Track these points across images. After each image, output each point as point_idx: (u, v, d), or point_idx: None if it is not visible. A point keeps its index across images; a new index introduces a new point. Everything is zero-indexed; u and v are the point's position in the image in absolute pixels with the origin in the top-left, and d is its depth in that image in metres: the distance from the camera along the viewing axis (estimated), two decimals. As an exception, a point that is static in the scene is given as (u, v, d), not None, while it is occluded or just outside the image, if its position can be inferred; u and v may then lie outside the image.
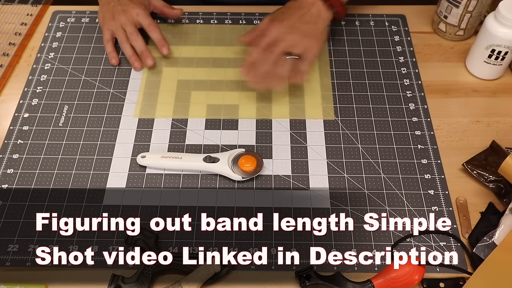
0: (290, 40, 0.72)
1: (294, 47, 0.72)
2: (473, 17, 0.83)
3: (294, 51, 0.72)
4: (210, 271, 0.60)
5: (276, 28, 0.72)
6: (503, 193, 0.68)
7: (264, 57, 0.72)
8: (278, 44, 0.71)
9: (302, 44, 0.72)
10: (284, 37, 0.72)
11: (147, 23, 0.83)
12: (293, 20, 0.73)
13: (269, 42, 0.72)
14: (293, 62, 0.73)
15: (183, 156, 0.71)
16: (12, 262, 0.63)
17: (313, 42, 0.73)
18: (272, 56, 0.72)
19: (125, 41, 0.83)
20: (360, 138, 0.75)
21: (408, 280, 0.58)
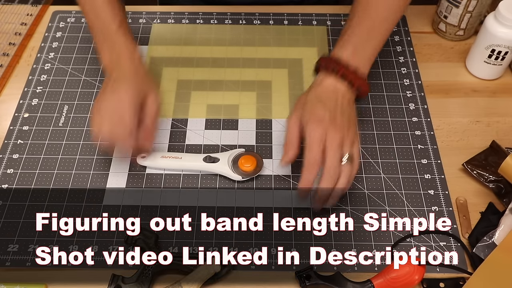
0: (338, 138, 0.62)
1: (344, 146, 0.62)
2: (473, 17, 0.83)
3: (344, 150, 0.62)
4: (210, 271, 0.60)
5: (319, 131, 0.62)
6: (503, 193, 0.68)
7: (324, 177, 0.62)
8: (330, 154, 0.61)
9: (348, 138, 0.63)
10: (332, 140, 0.62)
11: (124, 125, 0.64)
12: (330, 111, 0.63)
13: (322, 149, 0.62)
14: (349, 169, 0.63)
15: (183, 156, 0.71)
16: (12, 262, 0.63)
17: (354, 133, 0.65)
18: (333, 172, 0.62)
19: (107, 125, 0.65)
20: (360, 138, 0.75)
21: (408, 280, 0.58)
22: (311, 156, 0.62)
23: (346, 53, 0.67)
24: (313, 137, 0.62)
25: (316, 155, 0.62)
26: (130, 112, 0.63)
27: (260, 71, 0.83)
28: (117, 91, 0.64)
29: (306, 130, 0.63)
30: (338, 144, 0.62)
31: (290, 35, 0.88)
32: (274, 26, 0.90)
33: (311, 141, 0.62)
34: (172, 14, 0.92)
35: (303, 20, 0.91)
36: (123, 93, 0.64)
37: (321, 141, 0.62)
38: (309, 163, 0.62)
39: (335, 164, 0.62)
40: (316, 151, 0.62)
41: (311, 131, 0.62)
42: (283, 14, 0.92)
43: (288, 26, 0.90)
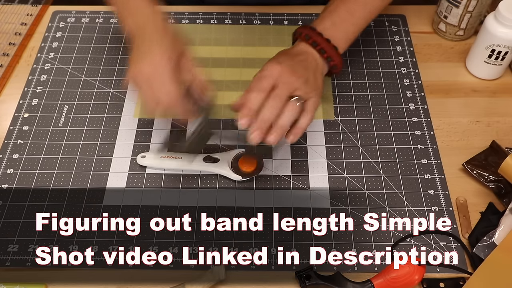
0: (292, 82, 0.60)
1: (297, 91, 0.61)
2: (473, 17, 0.83)
3: (297, 94, 0.61)
4: (215, 278, 0.60)
5: (275, 69, 0.60)
6: (503, 193, 0.68)
7: (268, 102, 0.59)
8: (281, 86, 0.60)
9: (305, 90, 0.61)
10: (286, 79, 0.60)
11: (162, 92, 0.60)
12: (292, 63, 0.63)
13: (271, 84, 0.60)
14: (296, 111, 0.61)
15: (183, 156, 0.71)
16: (12, 262, 0.63)
17: (315, 92, 0.63)
18: (277, 100, 0.59)
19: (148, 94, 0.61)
20: (360, 138, 0.75)
21: (408, 280, 0.58)
22: (257, 84, 0.60)
23: (322, 26, 0.68)
24: (265, 70, 0.60)
25: (263, 85, 0.59)
26: (170, 77, 0.59)
27: (260, 71, 0.83)
28: (152, 56, 0.60)
29: (263, 67, 0.61)
30: (290, 85, 0.60)
31: (290, 35, 0.88)
32: (274, 26, 0.90)
33: (263, 73, 0.60)
34: (172, 14, 0.92)
35: (303, 20, 0.91)
36: (159, 57, 0.59)
37: (272, 77, 0.60)
38: (253, 88, 0.59)
39: (279, 96, 0.59)
40: (265, 83, 0.59)
41: (267, 66, 0.61)
42: (283, 14, 0.92)
43: (288, 26, 0.90)
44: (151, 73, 0.59)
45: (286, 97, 0.60)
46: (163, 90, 0.59)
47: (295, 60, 0.64)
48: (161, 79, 0.59)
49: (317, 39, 0.66)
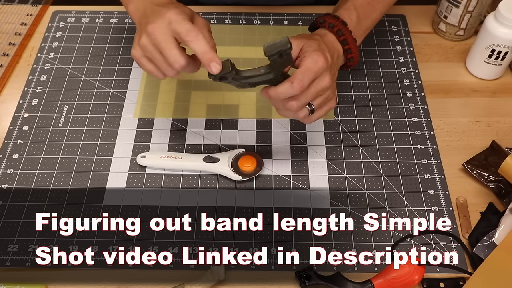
0: (327, 87, 0.60)
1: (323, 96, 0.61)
2: (473, 17, 0.83)
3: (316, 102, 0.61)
4: (214, 278, 0.60)
5: (323, 66, 0.58)
6: (503, 193, 0.68)
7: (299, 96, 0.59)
8: (316, 85, 0.59)
9: (329, 94, 0.61)
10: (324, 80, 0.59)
11: (184, 29, 0.56)
12: (332, 60, 0.61)
13: (315, 77, 0.58)
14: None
15: (183, 156, 0.71)
16: (12, 262, 0.63)
17: (333, 101, 0.63)
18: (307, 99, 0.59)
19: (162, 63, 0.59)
20: (360, 138, 0.75)
21: (408, 280, 0.58)
22: (301, 81, 0.57)
23: (347, 16, 0.66)
24: (316, 64, 0.58)
25: (304, 83, 0.57)
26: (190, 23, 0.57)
27: (260, 71, 0.83)
28: (164, 14, 0.57)
29: (312, 55, 0.59)
30: (326, 86, 0.59)
31: (290, 35, 0.88)
32: (274, 26, 0.90)
33: (313, 66, 0.58)
34: (172, 14, 0.92)
35: (303, 20, 0.91)
36: (173, 13, 0.57)
37: (317, 74, 0.58)
38: (295, 85, 0.57)
39: (310, 94, 0.59)
40: (309, 78, 0.57)
41: (318, 58, 0.58)
42: (283, 14, 0.92)
43: (288, 26, 0.90)
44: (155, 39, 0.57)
45: (313, 97, 0.59)
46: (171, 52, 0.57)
47: (332, 56, 0.61)
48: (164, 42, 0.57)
49: (341, 28, 0.64)
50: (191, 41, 0.56)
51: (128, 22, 0.91)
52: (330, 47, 0.63)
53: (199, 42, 0.56)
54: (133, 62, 0.84)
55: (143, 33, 0.58)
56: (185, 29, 0.56)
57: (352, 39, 0.65)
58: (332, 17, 0.66)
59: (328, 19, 0.66)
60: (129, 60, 0.85)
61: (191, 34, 0.56)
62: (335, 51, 0.64)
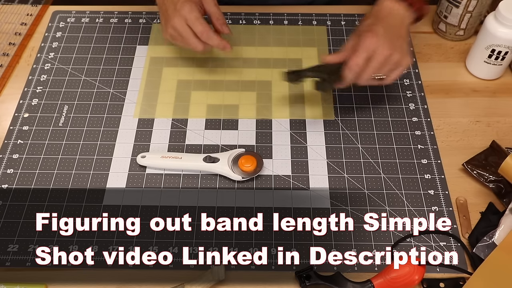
0: (385, 56, 0.67)
1: (387, 64, 0.68)
2: (473, 17, 0.83)
3: (382, 72, 0.69)
4: (214, 278, 0.60)
5: (373, 42, 0.66)
6: (503, 193, 0.68)
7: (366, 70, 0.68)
8: (376, 58, 0.67)
9: (395, 61, 0.68)
10: (381, 53, 0.66)
11: (198, 31, 0.72)
12: (386, 33, 0.67)
13: (368, 55, 0.66)
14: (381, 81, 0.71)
15: (183, 156, 0.71)
16: (12, 262, 0.63)
17: (404, 57, 0.69)
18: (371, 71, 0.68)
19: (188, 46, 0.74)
20: (360, 138, 0.75)
21: (408, 280, 0.58)
22: (355, 59, 0.66)
23: None
24: (363, 44, 0.66)
25: (359, 59, 0.66)
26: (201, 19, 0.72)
27: (260, 71, 0.83)
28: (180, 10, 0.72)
29: (361, 38, 0.67)
30: (383, 60, 0.67)
31: (290, 35, 0.88)
32: (274, 26, 0.90)
33: (361, 47, 0.66)
34: (172, 14, 0.92)
35: (303, 20, 0.91)
36: (186, 11, 0.71)
37: (369, 50, 0.66)
38: (352, 65, 0.66)
39: (367, 74, 0.67)
40: (361, 56, 0.66)
41: (364, 39, 0.66)
42: (283, 14, 0.92)
43: (288, 26, 0.90)
44: (178, 30, 0.72)
45: (378, 68, 0.68)
46: (200, 28, 0.71)
47: (388, 28, 0.68)
48: (185, 34, 0.72)
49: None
50: (206, 40, 0.73)
51: (128, 22, 0.91)
52: (386, 15, 0.70)
53: (211, 40, 0.73)
54: (133, 62, 0.84)
55: (168, 25, 0.73)
56: (198, 31, 0.72)
57: (422, 2, 0.71)
58: None
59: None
60: (129, 60, 0.85)
61: (203, 36, 0.72)
62: (396, 17, 0.70)
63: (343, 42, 0.87)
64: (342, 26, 0.90)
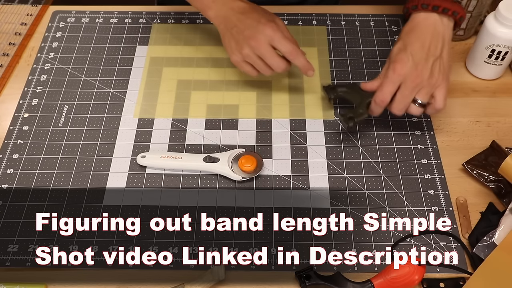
0: (418, 83, 0.67)
1: (422, 90, 0.68)
2: (473, 17, 0.83)
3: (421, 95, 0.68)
4: (214, 278, 0.60)
5: (406, 67, 0.66)
6: (503, 193, 0.68)
7: (396, 100, 0.68)
8: (407, 86, 0.67)
9: (429, 85, 0.68)
10: (413, 80, 0.66)
11: (287, 50, 0.69)
12: (422, 54, 0.67)
13: (400, 80, 0.67)
14: (420, 111, 0.70)
15: (183, 156, 0.71)
16: (12, 262, 0.63)
17: (442, 78, 0.68)
18: (404, 100, 0.68)
19: (264, 68, 0.71)
20: (360, 138, 0.75)
21: (408, 280, 0.58)
22: (380, 94, 0.68)
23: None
24: (390, 77, 0.67)
25: (385, 94, 0.67)
26: (290, 42, 0.70)
27: (260, 71, 0.83)
28: (263, 31, 0.69)
29: (389, 69, 0.68)
30: (413, 87, 0.67)
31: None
32: (274, 26, 0.90)
33: (387, 80, 0.67)
34: (172, 14, 0.92)
35: (303, 20, 0.91)
36: (271, 31, 0.69)
37: (396, 83, 0.67)
38: (377, 99, 0.68)
39: (402, 105, 0.68)
40: (387, 90, 0.67)
41: (390, 71, 0.67)
42: (283, 14, 0.92)
43: (288, 26, 0.89)
44: (258, 51, 0.69)
45: (405, 106, 0.68)
46: (289, 47, 0.69)
47: (417, 52, 0.67)
48: (268, 54, 0.69)
49: (435, 2, 0.68)
50: (293, 59, 0.70)
51: (128, 22, 0.91)
52: (421, 35, 0.68)
53: (299, 59, 0.70)
54: (133, 62, 0.84)
55: (245, 45, 0.69)
56: (288, 50, 0.69)
57: (458, 6, 0.68)
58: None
59: (430, 1, 0.68)
60: (129, 60, 0.85)
61: (293, 54, 0.70)
62: (439, 33, 0.68)
63: (343, 42, 0.87)
64: (342, 26, 0.90)
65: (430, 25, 0.68)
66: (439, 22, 0.69)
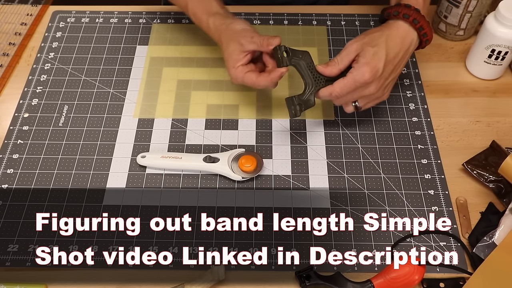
0: (376, 96, 0.69)
1: (377, 100, 0.70)
2: (473, 17, 0.83)
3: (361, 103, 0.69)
4: (214, 278, 0.60)
5: (370, 77, 0.65)
6: (503, 193, 0.68)
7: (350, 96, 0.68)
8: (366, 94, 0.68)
9: (382, 95, 0.70)
10: (372, 90, 0.67)
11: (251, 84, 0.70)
12: (390, 66, 0.67)
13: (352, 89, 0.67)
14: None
15: (183, 156, 0.71)
16: (12, 262, 0.63)
17: (386, 93, 0.70)
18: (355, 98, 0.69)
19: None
20: (360, 138, 0.75)
21: (408, 280, 0.58)
22: (339, 90, 0.66)
23: (416, 1, 0.69)
24: (356, 79, 0.65)
25: (343, 93, 0.67)
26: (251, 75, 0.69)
27: (260, 71, 0.83)
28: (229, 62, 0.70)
29: (360, 68, 0.65)
30: (367, 96, 0.68)
31: (290, 35, 0.88)
32: (274, 26, 0.90)
33: (351, 81, 0.66)
34: (172, 14, 0.92)
35: (303, 20, 0.91)
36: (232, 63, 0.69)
37: (357, 86, 0.66)
38: (333, 93, 0.67)
39: (341, 102, 0.69)
40: (346, 89, 0.66)
41: (364, 72, 0.65)
42: (283, 14, 0.92)
43: (288, 26, 0.90)
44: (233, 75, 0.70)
45: (357, 99, 0.68)
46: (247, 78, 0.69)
47: (390, 61, 0.67)
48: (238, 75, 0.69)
49: (416, 16, 0.68)
50: (258, 87, 0.69)
51: (128, 22, 0.91)
52: (399, 43, 0.68)
53: (263, 83, 0.68)
54: (133, 62, 0.84)
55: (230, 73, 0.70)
56: (251, 83, 0.69)
57: (427, 23, 0.68)
58: (404, 7, 0.68)
59: (401, 10, 0.68)
60: (129, 60, 0.85)
61: (256, 85, 0.69)
62: (405, 45, 0.68)
63: (343, 42, 0.87)
64: (342, 26, 0.90)
65: (409, 40, 0.68)
66: (415, 39, 0.69)
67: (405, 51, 0.68)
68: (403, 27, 0.68)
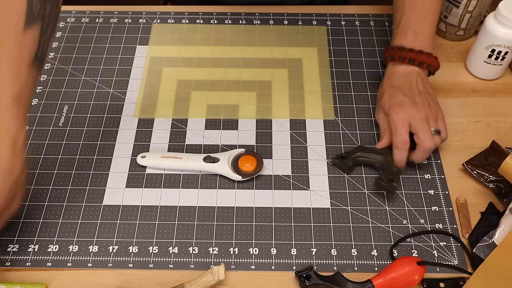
0: (421, 117, 0.67)
1: (429, 119, 0.68)
2: (473, 17, 0.83)
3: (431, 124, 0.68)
4: (214, 278, 0.60)
5: (401, 113, 0.67)
6: (503, 193, 0.68)
7: (420, 134, 0.67)
8: (416, 124, 0.67)
9: (432, 113, 0.68)
10: (415, 116, 0.67)
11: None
12: (408, 97, 0.68)
13: (407, 124, 0.67)
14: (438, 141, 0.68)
15: (183, 156, 0.71)
16: (12, 262, 0.63)
17: (437, 108, 0.70)
18: (425, 133, 0.67)
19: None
20: (360, 138, 0.75)
21: (408, 280, 0.58)
22: (398, 138, 0.67)
23: (407, 40, 0.72)
24: (396, 120, 0.67)
25: (402, 135, 0.67)
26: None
27: (260, 71, 0.83)
28: None
29: (389, 116, 0.68)
30: (423, 120, 0.67)
31: (290, 35, 0.88)
32: (274, 26, 0.90)
33: (396, 124, 0.67)
34: (172, 14, 0.92)
35: (303, 20, 0.91)
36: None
37: (405, 122, 0.67)
38: (398, 144, 0.67)
39: (427, 137, 0.66)
40: (402, 132, 0.67)
41: (393, 115, 0.67)
42: (283, 14, 0.92)
43: (288, 26, 0.90)
44: None
45: (430, 134, 0.67)
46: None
47: (406, 89, 0.69)
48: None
49: (411, 56, 0.70)
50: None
51: (128, 22, 0.91)
52: (403, 81, 0.71)
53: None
54: (133, 62, 0.84)
55: None
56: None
57: (427, 57, 0.71)
58: (397, 50, 0.71)
59: (395, 53, 0.71)
60: (129, 60, 0.85)
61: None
62: (410, 75, 0.71)
63: (343, 42, 0.87)
64: (342, 26, 0.90)
65: (409, 72, 0.71)
66: (420, 70, 0.72)
67: (413, 78, 0.71)
68: (402, 68, 0.72)
